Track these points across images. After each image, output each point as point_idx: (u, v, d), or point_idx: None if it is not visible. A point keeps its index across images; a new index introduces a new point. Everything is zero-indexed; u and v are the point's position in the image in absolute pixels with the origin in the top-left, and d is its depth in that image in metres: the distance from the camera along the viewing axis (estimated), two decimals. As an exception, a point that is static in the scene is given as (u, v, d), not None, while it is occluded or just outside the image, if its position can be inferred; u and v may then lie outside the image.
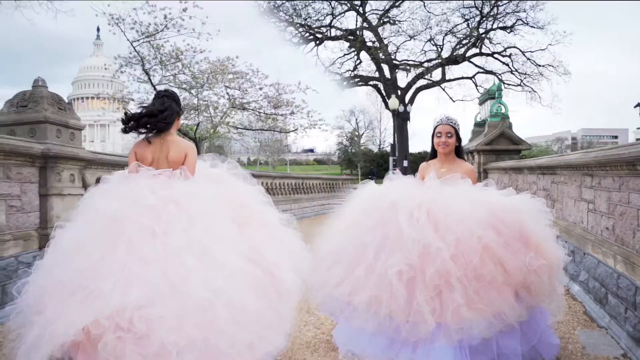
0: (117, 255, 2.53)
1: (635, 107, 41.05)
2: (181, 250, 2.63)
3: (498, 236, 2.83)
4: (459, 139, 3.48)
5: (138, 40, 15.08)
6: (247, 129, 19.19)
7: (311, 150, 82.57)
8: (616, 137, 79.52)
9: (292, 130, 19.52)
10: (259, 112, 18.05)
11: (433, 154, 3.59)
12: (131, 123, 3.11)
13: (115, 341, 2.30)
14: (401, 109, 28.95)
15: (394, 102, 22.16)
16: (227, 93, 17.27)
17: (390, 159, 21.85)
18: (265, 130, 19.80)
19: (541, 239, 2.92)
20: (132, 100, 18.79)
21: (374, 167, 38.99)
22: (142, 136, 3.22)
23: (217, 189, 3.12)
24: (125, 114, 3.17)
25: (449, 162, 3.45)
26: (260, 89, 17.60)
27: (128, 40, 14.93)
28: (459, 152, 3.51)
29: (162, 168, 3.07)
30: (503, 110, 12.64)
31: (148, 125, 3.12)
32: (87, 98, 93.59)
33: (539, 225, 3.00)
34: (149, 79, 15.79)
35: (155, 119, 3.09)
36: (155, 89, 15.58)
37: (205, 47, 16.31)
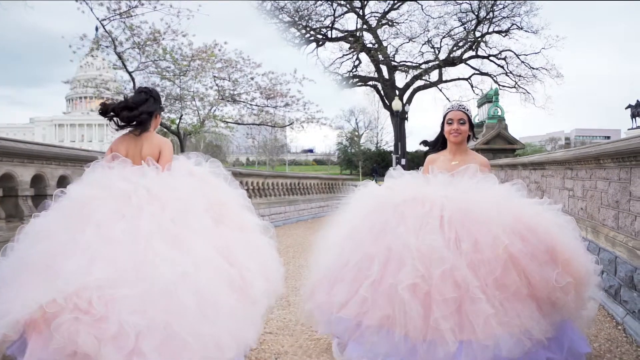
0: (84, 237, 2.50)
1: (626, 108, 42.39)
2: (150, 234, 2.58)
3: (524, 245, 2.59)
4: (471, 128, 3.21)
5: (109, 18, 13.19)
6: (238, 124, 17.60)
7: (310, 151, 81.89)
8: (609, 137, 79.61)
9: (288, 125, 18.05)
10: (251, 104, 16.50)
11: (442, 144, 3.32)
12: (110, 113, 3.08)
13: (70, 322, 2.22)
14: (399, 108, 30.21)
15: (397, 103, 23.45)
16: (217, 84, 15.70)
17: (394, 156, 22.89)
18: (258, 124, 18.09)
19: (571, 255, 2.66)
20: (108, 90, 17.28)
21: (375, 164, 40.08)
22: (121, 132, 3.20)
23: (196, 184, 3.08)
24: (104, 104, 3.14)
25: (461, 153, 3.17)
26: (252, 78, 16.04)
27: (97, 18, 13.07)
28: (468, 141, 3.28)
29: (136, 164, 3.01)
30: (500, 113, 14.01)
31: (127, 118, 3.08)
32: (85, 98, 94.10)
33: (569, 239, 2.73)
34: (123, 64, 14.00)
35: (131, 112, 3.05)
36: (131, 76, 14.34)
37: (188, 31, 14.56)
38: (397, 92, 39.99)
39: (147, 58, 14.37)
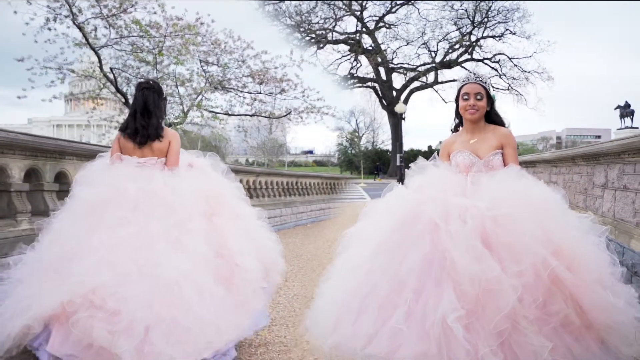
0: (92, 241, 2.74)
1: (615, 109, 44.11)
2: (154, 238, 2.82)
3: (570, 267, 2.25)
4: (490, 102, 2.80)
5: None
6: (228, 114, 15.30)
7: (310, 152, 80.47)
8: (599, 136, 79.63)
9: (284, 115, 15.75)
10: (242, 92, 14.30)
11: (459, 123, 2.95)
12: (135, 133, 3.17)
13: (86, 318, 2.47)
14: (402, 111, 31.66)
15: (400, 106, 25.01)
16: (204, 71, 13.64)
17: (398, 156, 24.36)
18: (251, 115, 15.78)
19: (617, 279, 2.32)
20: (73, 72, 13.79)
21: (378, 163, 41.27)
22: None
23: (197, 180, 3.25)
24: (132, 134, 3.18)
25: (480, 131, 2.81)
26: (243, 61, 13.79)
27: None
28: (491, 118, 2.85)
29: (146, 156, 3.16)
30: (496, 118, 15.75)
31: (145, 137, 3.18)
32: (84, 98, 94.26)
33: (608, 263, 2.34)
34: (86, 38, 11.48)
35: (147, 131, 3.17)
36: (97, 53, 12.08)
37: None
38: (394, 93, 41.61)
39: (117, 33, 12.00)
